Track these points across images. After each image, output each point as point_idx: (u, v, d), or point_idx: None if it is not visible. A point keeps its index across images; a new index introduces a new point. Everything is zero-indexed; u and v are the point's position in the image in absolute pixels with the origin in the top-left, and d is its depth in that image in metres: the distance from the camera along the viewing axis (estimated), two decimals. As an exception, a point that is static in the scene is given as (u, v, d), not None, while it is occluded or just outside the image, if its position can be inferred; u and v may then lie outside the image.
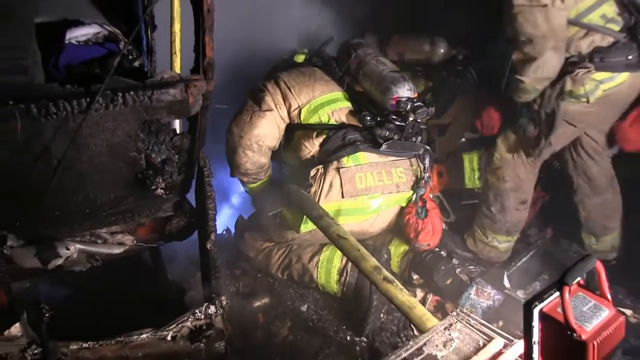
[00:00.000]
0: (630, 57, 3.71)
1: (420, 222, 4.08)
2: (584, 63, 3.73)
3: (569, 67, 3.79)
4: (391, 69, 4.12)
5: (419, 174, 4.18)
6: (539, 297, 1.93)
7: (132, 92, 2.78)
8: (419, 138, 4.12)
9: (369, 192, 4.02)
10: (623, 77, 3.77)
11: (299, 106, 4.11)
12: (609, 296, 2.04)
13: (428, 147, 4.17)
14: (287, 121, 4.15)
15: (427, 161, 4.17)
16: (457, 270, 4.34)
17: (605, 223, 4.41)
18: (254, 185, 4.37)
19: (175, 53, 3.52)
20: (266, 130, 4.07)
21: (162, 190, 3.19)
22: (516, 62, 3.89)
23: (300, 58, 4.69)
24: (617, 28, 3.77)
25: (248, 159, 4.11)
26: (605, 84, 3.76)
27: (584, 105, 3.82)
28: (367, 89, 4.17)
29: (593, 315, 1.95)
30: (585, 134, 4.26)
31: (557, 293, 1.88)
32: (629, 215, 4.51)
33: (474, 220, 4.61)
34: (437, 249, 4.25)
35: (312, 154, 4.06)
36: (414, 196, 4.16)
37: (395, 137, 4.01)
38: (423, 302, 4.20)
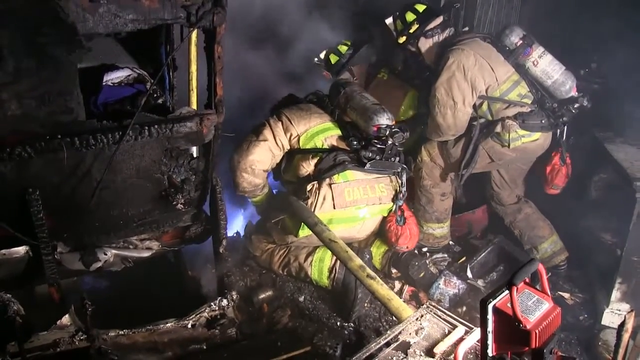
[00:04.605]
0: (543, 121, 4.16)
1: (400, 228, 4.11)
2: (513, 120, 4.11)
3: (502, 118, 4.16)
4: (373, 102, 4.14)
5: (398, 188, 4.20)
6: (492, 295, 1.98)
7: (156, 126, 2.84)
8: (397, 159, 4.15)
9: (356, 203, 4.05)
10: (538, 135, 4.19)
11: (298, 134, 4.16)
12: (548, 292, 2.09)
13: (405, 166, 4.21)
14: (288, 148, 4.19)
15: (404, 178, 4.18)
16: (428, 261, 4.39)
17: (536, 233, 4.51)
18: (255, 199, 4.45)
19: (192, 90, 3.53)
20: (259, 157, 4.11)
21: (181, 205, 3.23)
22: (428, 127, 4.36)
23: (343, 48, 4.90)
24: (529, 102, 4.19)
25: (244, 180, 4.16)
26: (525, 138, 4.15)
27: (505, 148, 4.16)
28: (353, 119, 4.20)
29: (536, 309, 2.00)
30: (497, 170, 4.55)
31: (507, 292, 1.94)
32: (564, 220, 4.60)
33: None
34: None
35: (308, 172, 4.09)
36: (394, 207, 4.19)
37: (377, 157, 4.04)
38: (400, 291, 4.24)
